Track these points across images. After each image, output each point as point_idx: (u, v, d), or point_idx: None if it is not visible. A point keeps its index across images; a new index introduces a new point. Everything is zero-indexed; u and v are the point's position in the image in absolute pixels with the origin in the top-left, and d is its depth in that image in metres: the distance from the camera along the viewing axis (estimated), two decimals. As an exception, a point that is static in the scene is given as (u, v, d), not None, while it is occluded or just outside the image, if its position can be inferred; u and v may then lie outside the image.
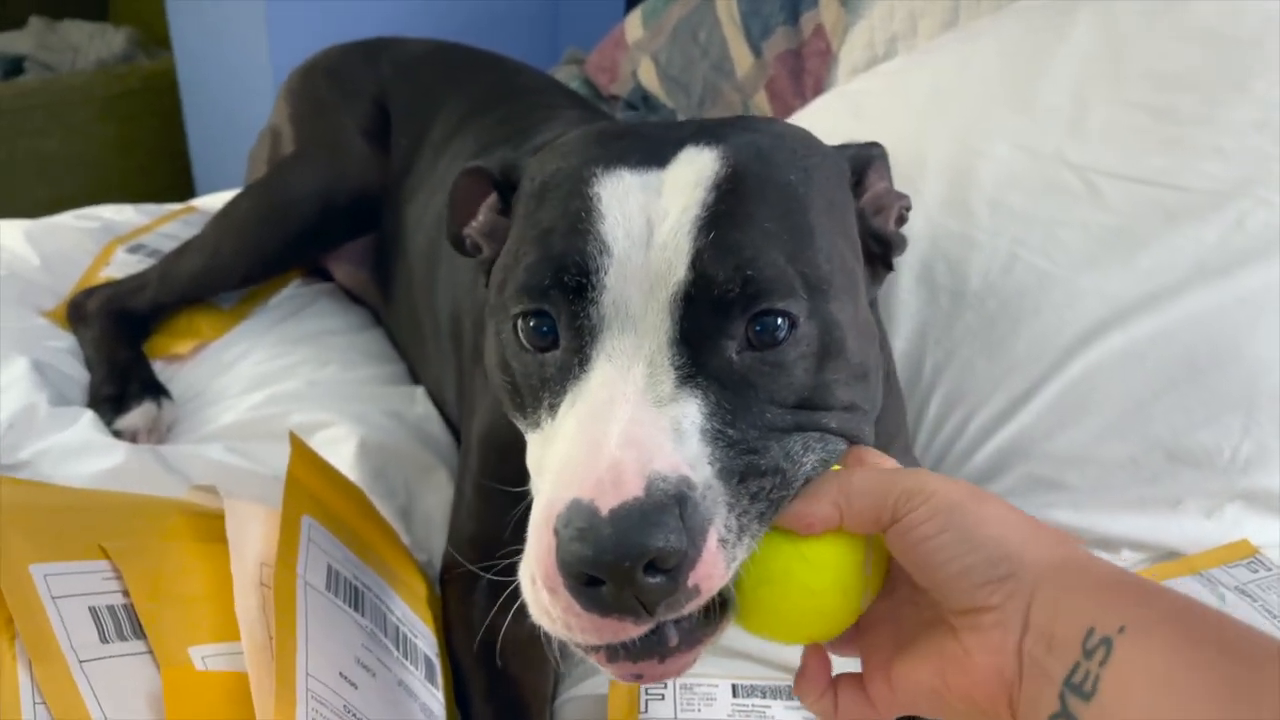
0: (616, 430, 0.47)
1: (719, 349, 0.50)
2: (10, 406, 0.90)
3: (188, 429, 1.01)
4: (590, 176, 0.54)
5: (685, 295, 0.50)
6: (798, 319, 0.51)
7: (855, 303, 0.57)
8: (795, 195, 0.54)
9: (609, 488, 0.45)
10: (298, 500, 0.73)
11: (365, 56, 1.28)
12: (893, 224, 0.67)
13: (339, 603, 0.70)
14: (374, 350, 1.16)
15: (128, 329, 1.09)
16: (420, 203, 1.10)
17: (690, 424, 0.48)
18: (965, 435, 0.97)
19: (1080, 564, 0.45)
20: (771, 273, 0.50)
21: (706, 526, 0.46)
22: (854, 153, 0.65)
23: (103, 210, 1.31)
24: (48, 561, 0.65)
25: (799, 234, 0.53)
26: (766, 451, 0.50)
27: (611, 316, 0.51)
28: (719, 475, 0.48)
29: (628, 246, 0.51)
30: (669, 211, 0.51)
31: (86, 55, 2.65)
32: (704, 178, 0.52)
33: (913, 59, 1.26)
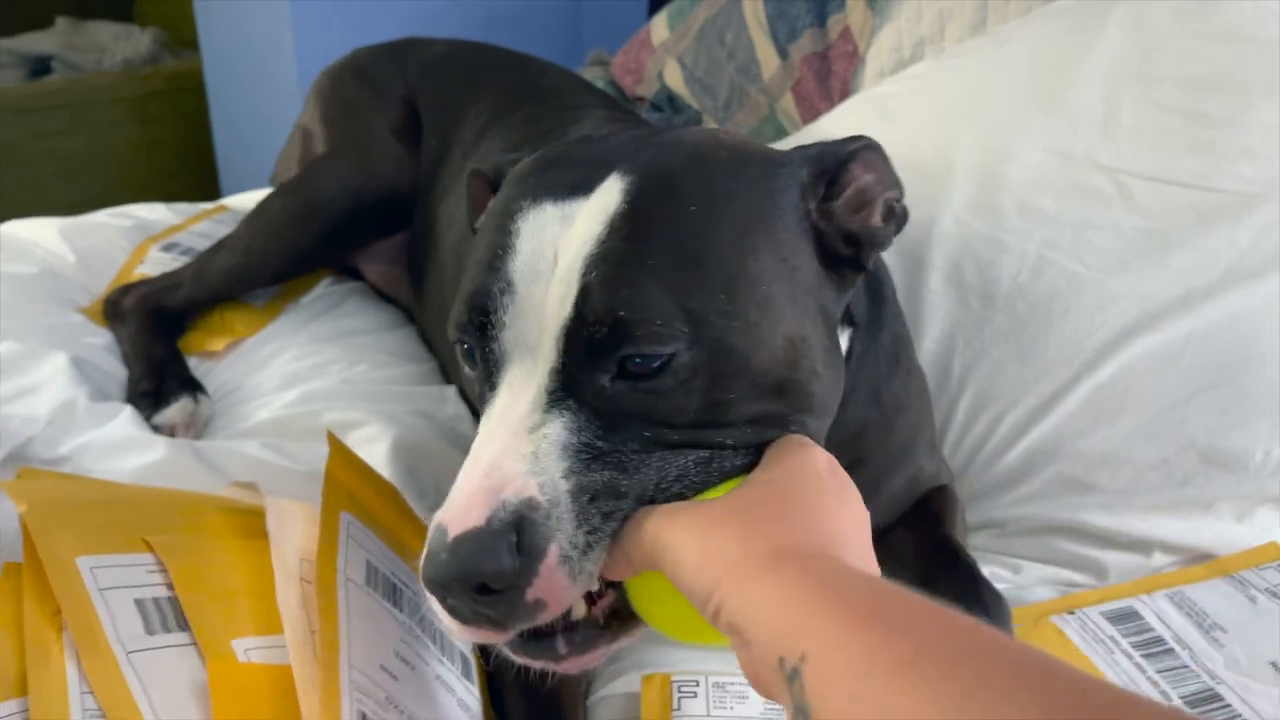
0: (486, 458, 0.52)
1: (592, 378, 0.54)
2: (50, 401, 0.91)
3: (223, 425, 1.02)
4: (516, 211, 0.57)
5: (567, 330, 0.53)
6: (674, 353, 0.53)
7: (780, 316, 0.57)
8: (695, 226, 0.56)
9: (459, 516, 0.50)
10: (336, 498, 0.74)
11: (393, 57, 1.29)
12: (877, 218, 0.65)
13: (378, 597, 0.70)
14: (405, 349, 1.16)
15: (163, 326, 1.11)
16: (451, 202, 1.11)
17: (550, 443, 0.52)
18: (995, 436, 0.97)
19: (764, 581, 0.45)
20: (644, 314, 0.52)
21: (545, 545, 0.50)
22: (818, 152, 0.64)
23: (136, 209, 1.32)
24: (94, 554, 0.66)
25: (688, 267, 0.54)
26: (639, 470, 0.53)
27: (511, 350, 0.55)
28: (571, 491, 0.52)
29: (530, 282, 0.54)
30: (571, 244, 0.54)
31: (113, 55, 2.67)
32: (606, 213, 0.55)
33: (941, 62, 1.26)
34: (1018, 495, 0.95)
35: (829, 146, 0.64)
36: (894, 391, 0.82)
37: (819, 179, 0.63)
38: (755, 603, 0.45)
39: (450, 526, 0.50)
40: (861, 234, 0.64)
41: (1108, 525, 0.90)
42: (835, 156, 0.64)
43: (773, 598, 0.44)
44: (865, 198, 0.65)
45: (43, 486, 0.73)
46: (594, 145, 0.64)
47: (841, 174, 0.64)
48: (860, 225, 0.64)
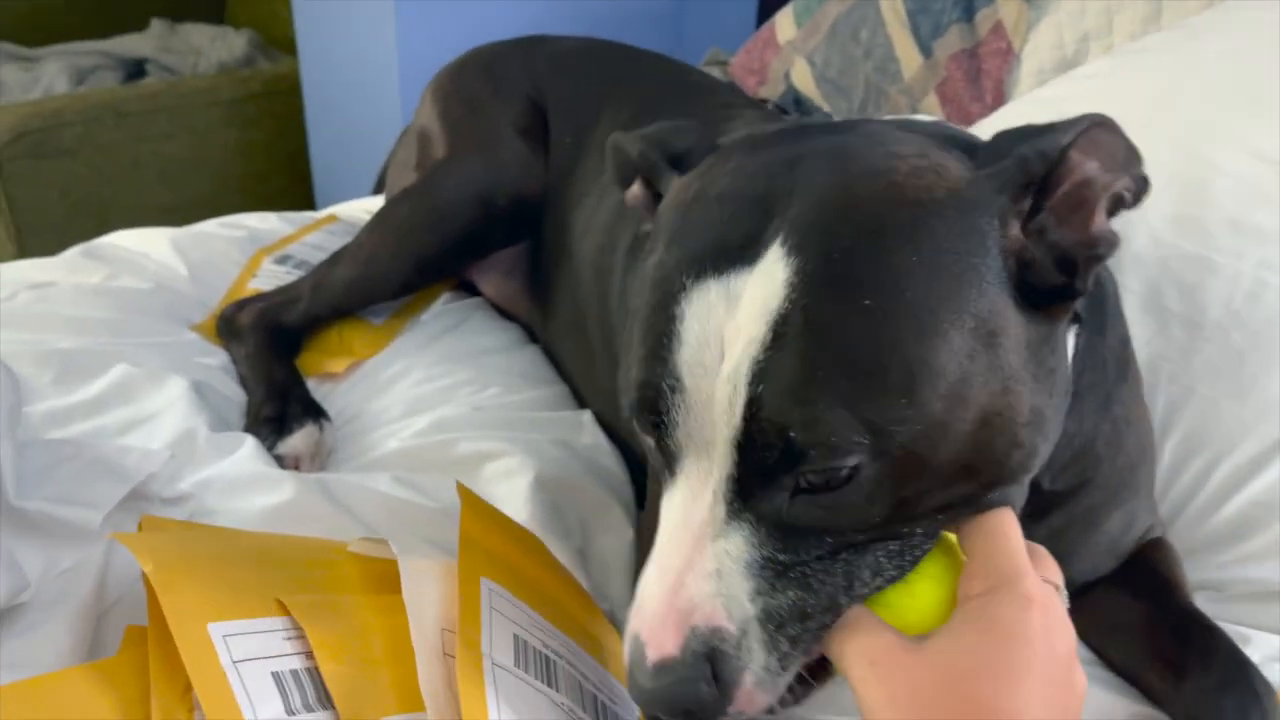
0: (674, 569, 0.52)
1: (771, 493, 0.52)
2: (169, 432, 0.84)
3: (349, 455, 0.95)
4: (679, 291, 0.53)
5: (738, 444, 0.51)
6: (857, 466, 0.50)
7: (973, 399, 0.51)
8: (870, 325, 0.49)
9: (655, 638, 0.52)
10: (474, 562, 0.66)
11: (519, 53, 1.22)
12: (1100, 219, 0.55)
13: (531, 680, 0.62)
14: (533, 371, 1.09)
15: (282, 345, 1.05)
16: (589, 206, 1.04)
17: (733, 560, 0.52)
18: (1209, 486, 0.87)
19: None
20: (816, 434, 0.49)
21: (738, 677, 0.52)
22: (1023, 158, 0.52)
23: (247, 218, 1.27)
24: (226, 619, 0.59)
25: (864, 374, 0.49)
26: (825, 583, 0.52)
27: (686, 445, 0.53)
28: (760, 616, 0.52)
29: (699, 378, 0.52)
30: (738, 338, 0.50)
31: (208, 58, 2.65)
32: (770, 308, 0.50)
33: (1122, 60, 1.15)
34: (1238, 555, 0.85)
35: (1038, 144, 0.53)
36: (1123, 402, 0.72)
37: (1024, 192, 0.53)
38: None
39: (648, 648, 0.52)
40: (1076, 250, 0.54)
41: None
42: (1046, 158, 0.52)
43: None
44: (1084, 194, 0.54)
45: (167, 541, 0.66)
46: (751, 173, 0.55)
47: (1054, 173, 0.53)
48: (1075, 237, 0.54)
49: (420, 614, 0.63)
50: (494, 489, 0.86)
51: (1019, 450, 0.54)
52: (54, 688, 0.57)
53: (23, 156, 2.16)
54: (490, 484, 0.86)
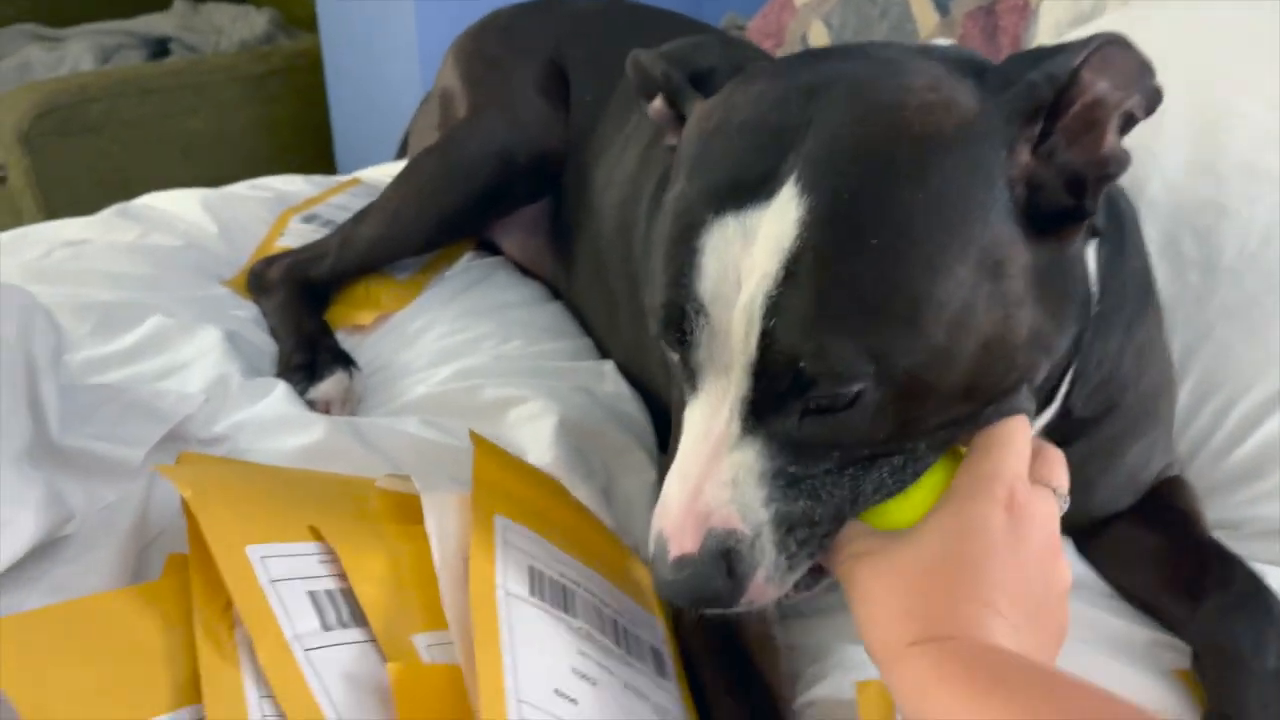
0: (693, 475, 0.56)
1: (782, 414, 0.54)
2: (203, 378, 0.87)
3: (378, 402, 0.97)
4: (700, 224, 0.55)
5: (753, 370, 0.54)
6: (861, 391, 0.52)
7: (976, 327, 0.53)
8: (877, 261, 0.51)
9: (676, 536, 0.55)
10: (488, 500, 0.68)
11: (539, 13, 1.23)
12: (1111, 138, 0.55)
13: (546, 607, 0.64)
14: (556, 325, 1.10)
15: (310, 298, 1.07)
16: (610, 158, 1.05)
17: (747, 471, 0.55)
18: (1224, 427, 0.88)
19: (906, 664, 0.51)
20: (825, 363, 0.51)
21: (751, 573, 0.56)
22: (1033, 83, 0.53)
23: (273, 181, 1.30)
24: (264, 543, 0.61)
25: (871, 307, 0.51)
26: (832, 493, 0.56)
27: (707, 364, 0.56)
28: (771, 521, 0.55)
29: (718, 306, 0.54)
30: (753, 272, 0.52)
31: (229, 37, 2.67)
32: (783, 246, 0.52)
33: (1137, 10, 1.15)
34: (1254, 493, 0.85)
35: (1048, 67, 0.53)
36: (1145, 328, 0.74)
37: (1034, 119, 0.53)
38: (897, 683, 0.51)
39: (670, 544, 0.56)
40: (1086, 170, 0.54)
41: None
42: (1055, 81, 0.52)
43: (909, 681, 0.50)
44: (1095, 115, 0.54)
45: (205, 471, 0.68)
46: (770, 102, 0.56)
47: (1064, 95, 0.53)
48: (1086, 159, 0.55)
49: (443, 542, 0.65)
50: (518, 433, 0.87)
51: (1015, 371, 0.56)
52: (98, 608, 0.59)
53: (50, 133, 2.18)
54: (514, 428, 0.88)
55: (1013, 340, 0.55)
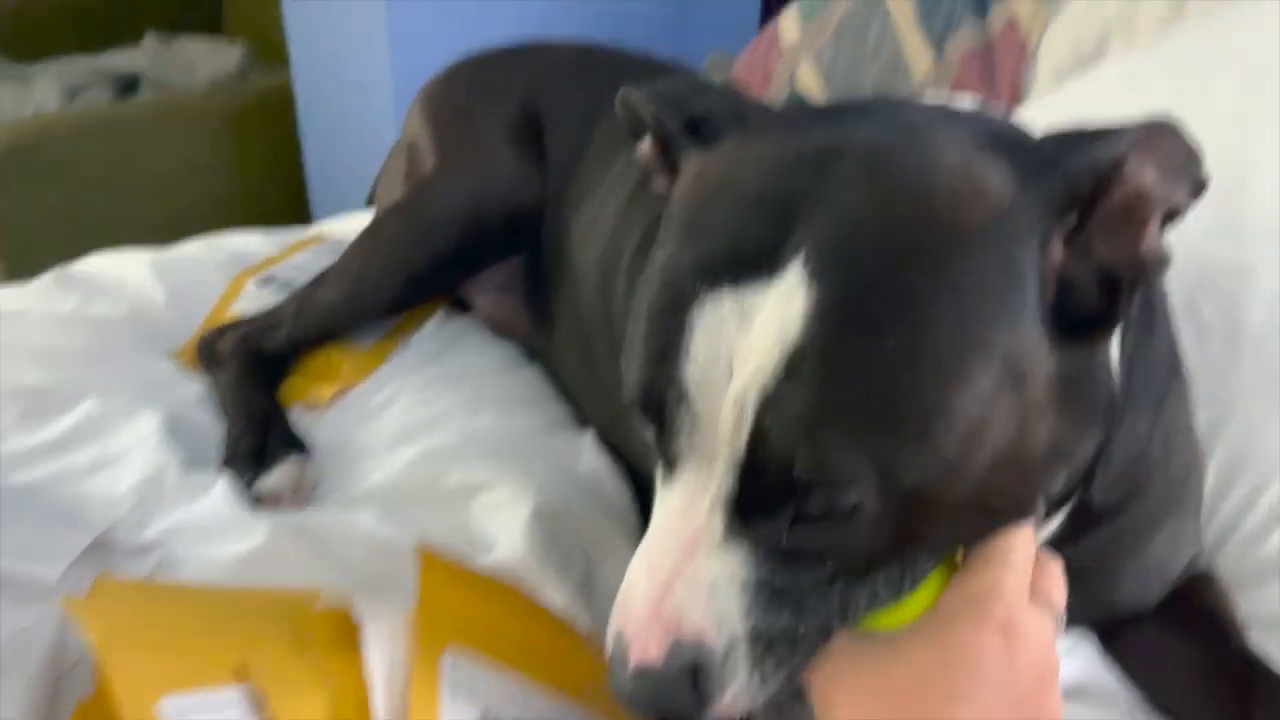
0: (662, 570, 0.50)
1: (770, 519, 0.49)
2: (136, 474, 0.79)
3: (334, 487, 0.90)
4: (690, 298, 0.49)
5: (742, 469, 0.48)
6: (859, 504, 0.47)
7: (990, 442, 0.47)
8: (890, 364, 0.46)
9: (639, 642, 0.50)
10: (436, 632, 0.62)
11: (512, 60, 1.18)
12: (1153, 236, 0.49)
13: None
14: (530, 393, 1.04)
15: (263, 373, 1.00)
16: (588, 215, 0.99)
17: (727, 580, 0.50)
18: (1255, 511, 0.81)
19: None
20: (823, 472, 0.46)
21: (720, 691, 0.50)
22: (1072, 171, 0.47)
23: (229, 239, 1.23)
24: (180, 690, 0.55)
25: (879, 415, 0.46)
26: (819, 608, 0.50)
27: (688, 452, 0.50)
28: (749, 636, 0.50)
29: (706, 393, 0.48)
30: (749, 360, 0.47)
31: (202, 72, 2.62)
32: (786, 336, 0.46)
33: (1143, 56, 1.09)
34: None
35: (1091, 154, 0.47)
36: (1174, 407, 0.68)
37: (1069, 210, 0.47)
38: None
39: (631, 649, 0.50)
40: (1122, 270, 0.48)
41: None
42: (1097, 169, 0.47)
43: None
44: (1137, 209, 0.48)
45: (118, 604, 0.62)
46: (777, 167, 0.50)
47: (1106, 185, 0.47)
48: (1123, 255, 0.48)
49: (390, 679, 0.58)
50: (486, 522, 0.81)
51: (1031, 488, 0.52)
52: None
53: (12, 174, 2.13)
54: (483, 517, 0.81)
55: (1030, 455, 0.49)
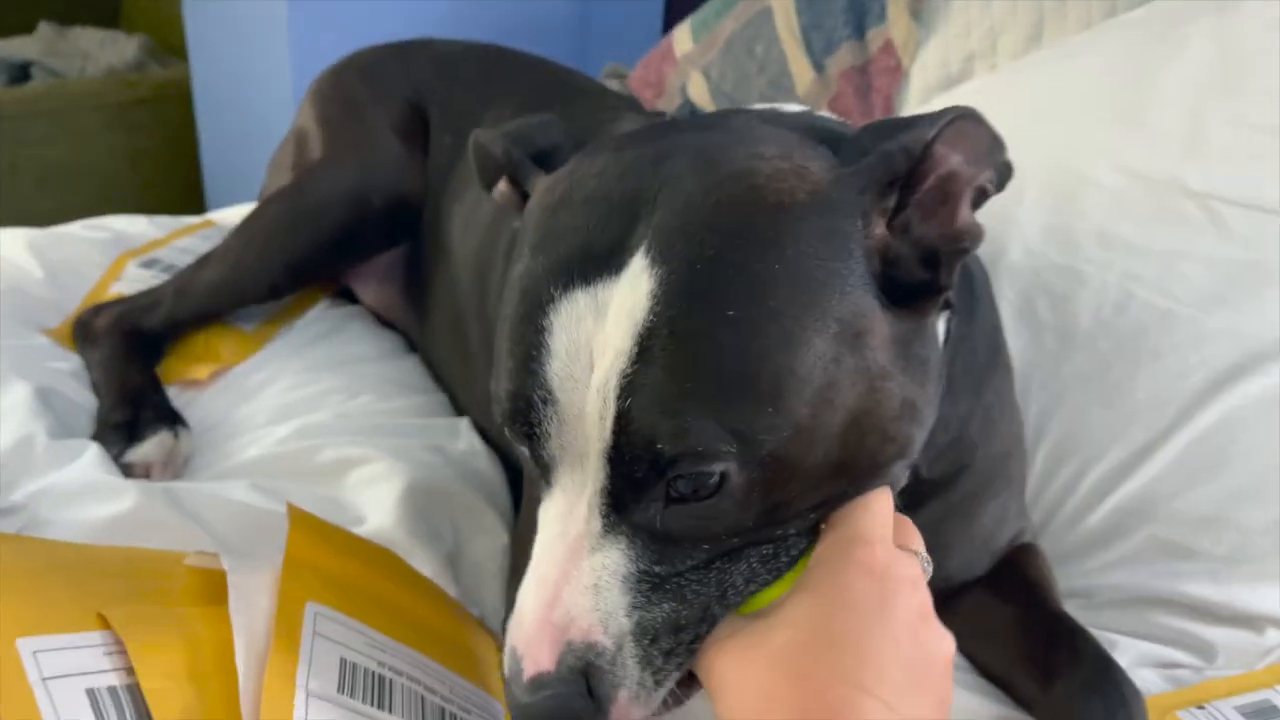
0: (551, 580, 0.52)
1: (644, 504, 0.51)
2: (5, 439, 0.80)
3: (206, 463, 0.91)
4: (548, 301, 0.52)
5: (609, 456, 0.51)
6: (726, 473, 0.50)
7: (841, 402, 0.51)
8: (735, 336, 0.49)
9: (532, 653, 0.51)
10: (300, 585, 0.64)
11: (400, 55, 1.21)
12: (964, 213, 0.55)
13: (355, 705, 0.60)
14: (409, 380, 1.06)
15: (140, 350, 1.00)
16: (469, 204, 1.02)
17: (610, 575, 0.52)
18: (1078, 492, 0.88)
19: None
20: (684, 445, 0.49)
21: (613, 693, 0.52)
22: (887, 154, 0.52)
23: (113, 221, 1.22)
24: (39, 634, 0.56)
25: (730, 385, 0.49)
26: (699, 593, 0.52)
27: (560, 456, 0.53)
28: (634, 633, 0.52)
29: (569, 391, 0.51)
30: (606, 350, 0.50)
31: (97, 62, 2.58)
32: (636, 320, 0.49)
33: (1000, 78, 1.17)
34: (1106, 560, 0.86)
35: (902, 139, 0.52)
36: (994, 389, 0.74)
37: (888, 192, 0.53)
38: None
39: (524, 662, 0.52)
40: (941, 244, 0.54)
41: (1211, 597, 0.81)
42: (909, 153, 0.52)
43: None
44: (948, 189, 0.54)
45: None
46: (616, 173, 0.55)
47: (918, 169, 0.53)
48: (940, 232, 0.54)
49: (250, 631, 0.60)
50: (358, 496, 0.83)
51: (891, 444, 0.54)
52: None
53: (-108, 160, 2.07)
54: (355, 491, 0.84)
55: (883, 413, 0.53)
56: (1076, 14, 1.24)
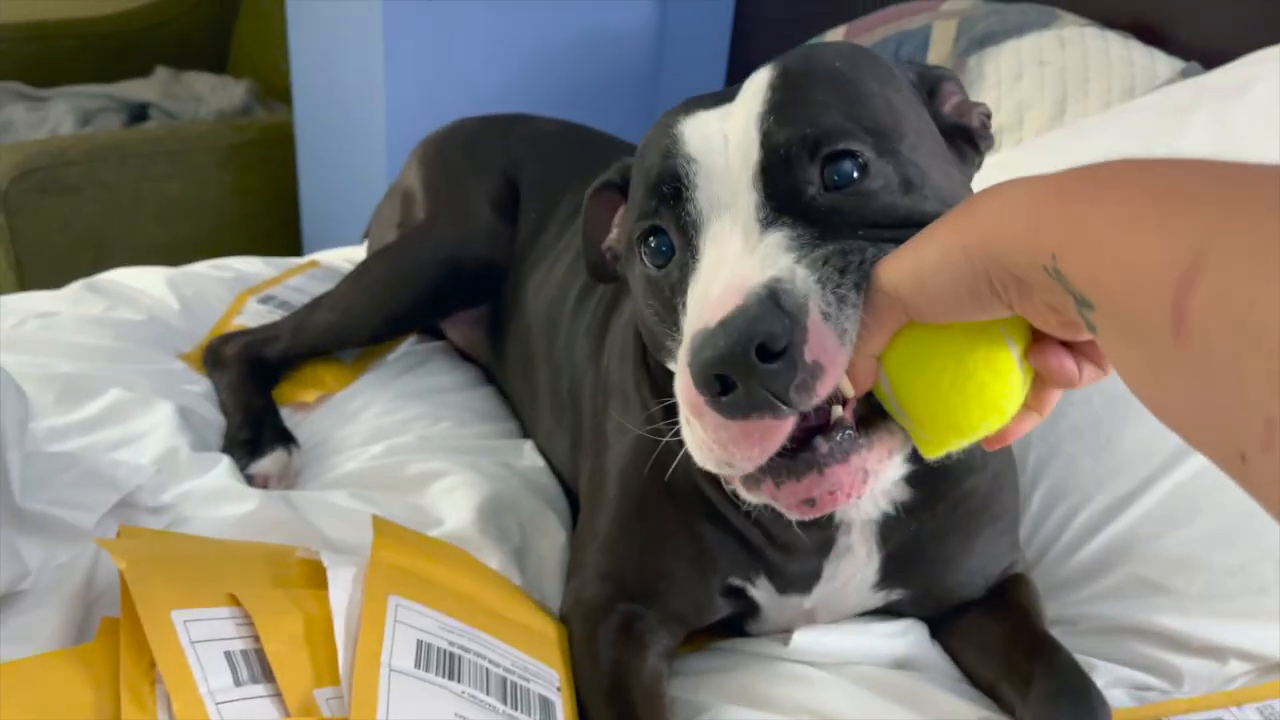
0: (721, 280, 0.55)
1: (799, 193, 0.58)
2: (155, 449, 0.95)
3: (313, 475, 1.05)
4: (674, 122, 0.64)
5: (762, 169, 0.59)
6: (868, 157, 0.59)
7: (935, 156, 0.64)
8: (844, 76, 0.63)
9: (716, 309, 0.53)
10: (382, 582, 0.76)
11: (498, 131, 1.32)
12: (976, 121, 0.72)
13: (430, 678, 0.71)
14: (485, 408, 1.20)
15: (261, 377, 1.14)
16: (543, 271, 1.14)
17: (774, 248, 0.56)
18: (1069, 531, 0.97)
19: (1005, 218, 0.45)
20: (829, 125, 0.59)
21: (804, 303, 0.52)
22: (918, 68, 0.72)
23: (234, 261, 1.39)
24: (187, 608, 0.69)
25: (852, 99, 0.61)
26: (857, 250, 0.56)
27: (708, 209, 0.60)
28: (808, 266, 0.54)
29: (708, 153, 0.60)
30: (737, 119, 0.61)
31: (208, 105, 2.76)
32: (761, 87, 0.62)
33: (1020, 153, 1.28)
34: (1091, 593, 0.94)
35: (924, 67, 0.73)
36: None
37: (920, 84, 0.71)
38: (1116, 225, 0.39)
39: (710, 319, 0.53)
40: (969, 128, 0.71)
41: (1182, 629, 0.89)
42: (928, 76, 0.72)
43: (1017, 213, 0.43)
44: (961, 109, 0.72)
45: (140, 544, 0.76)
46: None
47: (937, 89, 0.72)
48: (965, 121, 0.71)
49: (347, 613, 0.72)
50: (438, 503, 0.96)
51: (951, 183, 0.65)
52: (41, 668, 0.66)
53: (29, 192, 2.26)
54: (435, 499, 0.96)
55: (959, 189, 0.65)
56: (1097, 93, 1.35)
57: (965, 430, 0.54)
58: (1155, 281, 0.36)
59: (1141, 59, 1.38)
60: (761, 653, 0.87)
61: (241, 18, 3.03)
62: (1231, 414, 0.34)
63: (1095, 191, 0.41)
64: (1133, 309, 0.38)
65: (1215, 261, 0.34)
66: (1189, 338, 0.35)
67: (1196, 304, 0.34)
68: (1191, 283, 0.34)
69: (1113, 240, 0.39)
